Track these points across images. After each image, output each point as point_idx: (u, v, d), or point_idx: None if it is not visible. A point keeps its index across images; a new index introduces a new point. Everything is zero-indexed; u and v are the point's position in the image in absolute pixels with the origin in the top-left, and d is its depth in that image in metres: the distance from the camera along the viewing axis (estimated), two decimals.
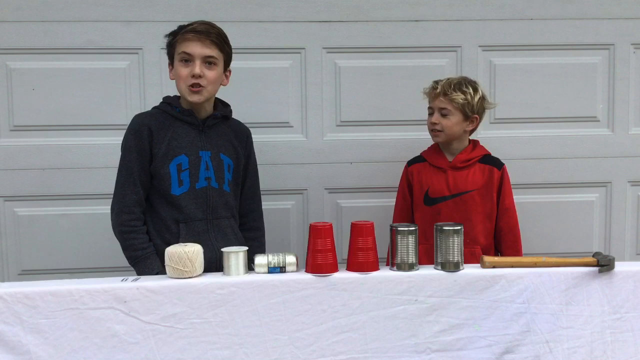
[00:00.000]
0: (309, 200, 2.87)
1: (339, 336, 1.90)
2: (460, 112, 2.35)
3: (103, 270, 2.72)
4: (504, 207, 2.41)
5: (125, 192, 2.14)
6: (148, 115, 2.21)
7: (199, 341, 1.86)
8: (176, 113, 2.18)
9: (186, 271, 1.88)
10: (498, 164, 2.43)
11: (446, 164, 2.42)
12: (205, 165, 2.18)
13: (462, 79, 2.41)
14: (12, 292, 1.80)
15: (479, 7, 2.84)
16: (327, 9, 2.80)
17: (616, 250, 2.93)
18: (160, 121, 2.17)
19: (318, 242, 1.92)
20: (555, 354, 1.94)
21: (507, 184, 2.42)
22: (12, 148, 2.75)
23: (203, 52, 2.12)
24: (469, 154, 2.41)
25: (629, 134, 2.94)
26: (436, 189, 2.40)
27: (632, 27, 2.89)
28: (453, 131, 2.37)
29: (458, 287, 1.92)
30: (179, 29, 2.16)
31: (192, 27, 2.12)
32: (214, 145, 2.21)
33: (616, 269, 1.95)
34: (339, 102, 2.85)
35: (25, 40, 2.70)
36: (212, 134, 2.22)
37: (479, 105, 2.38)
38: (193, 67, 2.11)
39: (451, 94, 2.34)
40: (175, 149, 2.14)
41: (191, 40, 2.11)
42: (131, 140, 2.14)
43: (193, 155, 2.16)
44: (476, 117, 2.39)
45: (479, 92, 2.39)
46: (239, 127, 2.35)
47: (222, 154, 2.22)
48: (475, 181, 2.38)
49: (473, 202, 2.37)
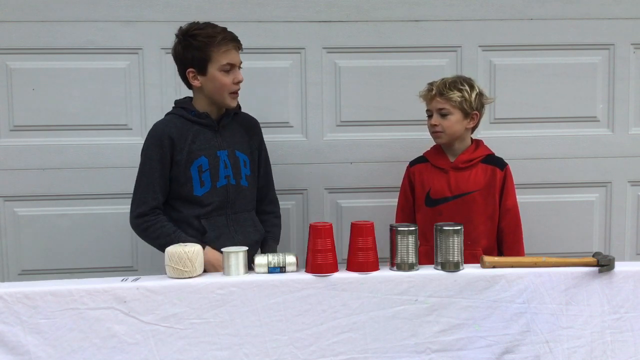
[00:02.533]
0: (309, 200, 2.87)
1: (339, 336, 1.90)
2: (459, 110, 2.34)
3: (103, 270, 2.72)
4: (506, 208, 2.39)
5: (146, 198, 2.18)
6: (167, 123, 2.24)
7: (199, 341, 1.86)
8: (192, 117, 2.23)
9: (186, 271, 1.88)
10: (501, 164, 2.41)
11: (448, 165, 2.40)
12: (224, 164, 2.24)
13: (457, 78, 2.40)
14: (12, 292, 1.80)
15: (479, 7, 2.84)
16: (327, 9, 2.80)
17: (616, 250, 2.92)
18: (179, 128, 2.21)
19: (318, 242, 1.92)
20: (555, 354, 1.94)
21: (510, 185, 2.40)
22: (12, 148, 2.74)
23: (239, 59, 2.22)
24: (471, 154, 2.40)
25: (629, 134, 2.94)
26: (437, 190, 2.39)
27: (632, 27, 2.88)
28: (454, 130, 2.36)
29: (458, 287, 1.92)
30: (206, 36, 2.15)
31: (224, 36, 2.16)
32: (230, 143, 2.27)
33: (616, 269, 1.95)
34: (339, 102, 2.85)
35: (25, 40, 2.70)
36: (226, 132, 2.28)
37: (477, 101, 2.36)
38: (236, 74, 2.20)
39: (447, 93, 2.32)
40: (196, 152, 2.20)
41: (231, 51, 2.17)
42: (153, 150, 2.18)
43: (212, 156, 2.22)
44: (476, 113, 2.37)
45: (476, 88, 2.38)
46: (248, 120, 2.40)
47: (237, 151, 2.28)
48: (477, 182, 2.37)
49: (475, 203, 2.36)
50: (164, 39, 2.73)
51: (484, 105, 2.42)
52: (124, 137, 2.77)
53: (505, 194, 2.38)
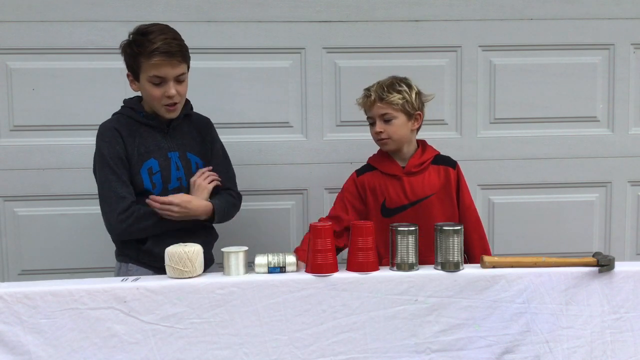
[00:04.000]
0: (309, 200, 2.87)
1: (339, 336, 1.90)
2: (402, 112, 2.24)
3: (103, 270, 2.71)
4: (465, 206, 2.30)
5: (120, 192, 2.07)
6: (115, 122, 2.17)
7: (199, 341, 1.86)
8: (141, 118, 2.17)
9: (186, 271, 1.88)
10: (451, 162, 2.32)
11: (400, 171, 2.27)
12: (176, 166, 2.19)
13: (393, 79, 2.31)
14: (12, 292, 1.80)
15: (479, 7, 2.84)
16: (327, 9, 2.80)
17: (616, 250, 2.92)
18: (127, 127, 2.15)
19: (318, 242, 1.92)
20: (555, 354, 1.94)
21: (464, 182, 2.32)
22: (12, 148, 2.75)
23: (174, 73, 2.08)
24: (420, 157, 2.30)
25: (629, 134, 2.94)
26: (393, 199, 2.26)
27: (632, 27, 2.89)
28: (400, 135, 2.26)
29: (458, 287, 1.92)
30: (138, 45, 2.06)
31: (155, 47, 2.02)
32: (180, 145, 2.22)
33: (616, 269, 1.95)
34: (339, 102, 2.85)
35: (25, 40, 2.70)
36: (176, 134, 2.22)
37: (418, 100, 2.28)
38: (167, 88, 2.08)
39: (387, 97, 2.23)
40: (145, 153, 2.14)
41: (160, 65, 2.04)
42: (107, 148, 2.10)
43: (162, 158, 2.16)
44: (419, 113, 2.29)
45: (414, 87, 2.29)
46: (199, 120, 2.33)
47: (188, 153, 2.23)
48: (432, 185, 2.27)
49: (433, 207, 2.26)
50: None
51: (424, 103, 2.33)
52: None
53: (461, 193, 2.30)
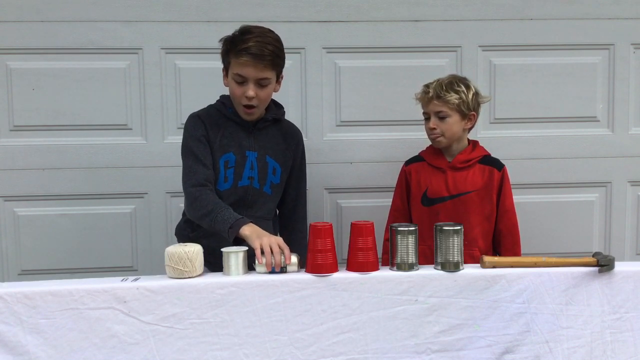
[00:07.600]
0: (308, 200, 2.86)
1: (339, 336, 1.90)
2: (457, 112, 2.32)
3: (103, 270, 2.72)
4: (504, 209, 2.38)
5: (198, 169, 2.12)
6: (203, 113, 2.24)
7: (199, 341, 1.85)
8: (228, 113, 2.22)
9: (186, 271, 1.88)
10: (498, 165, 2.40)
11: (446, 164, 2.39)
12: (250, 165, 2.22)
13: (453, 78, 2.38)
14: (12, 292, 1.80)
15: (479, 7, 2.84)
16: (327, 9, 2.80)
17: (616, 250, 2.92)
18: (213, 119, 2.21)
19: (318, 242, 1.92)
20: (555, 354, 1.94)
21: (508, 186, 2.39)
22: (12, 148, 2.74)
23: (257, 76, 2.11)
24: (468, 155, 2.39)
25: (629, 134, 2.94)
26: (435, 190, 2.37)
27: (632, 27, 2.88)
28: (453, 132, 2.35)
29: (458, 287, 1.92)
30: (232, 42, 2.11)
31: (245, 47, 2.07)
32: (261, 147, 2.24)
33: (616, 269, 1.95)
34: (339, 102, 2.85)
35: (25, 40, 2.70)
36: (261, 136, 2.25)
37: (474, 101, 2.35)
38: (247, 88, 2.11)
39: (445, 96, 2.30)
40: (225, 146, 2.19)
41: (245, 64, 2.08)
42: (189, 132, 2.18)
43: (240, 155, 2.20)
44: (473, 114, 2.36)
45: (472, 88, 2.36)
46: (289, 128, 2.37)
47: (268, 157, 2.25)
48: (474, 182, 2.36)
49: (472, 203, 2.34)
50: (164, 39, 2.74)
51: (480, 104, 2.41)
52: (124, 137, 2.77)
53: (503, 195, 2.37)
